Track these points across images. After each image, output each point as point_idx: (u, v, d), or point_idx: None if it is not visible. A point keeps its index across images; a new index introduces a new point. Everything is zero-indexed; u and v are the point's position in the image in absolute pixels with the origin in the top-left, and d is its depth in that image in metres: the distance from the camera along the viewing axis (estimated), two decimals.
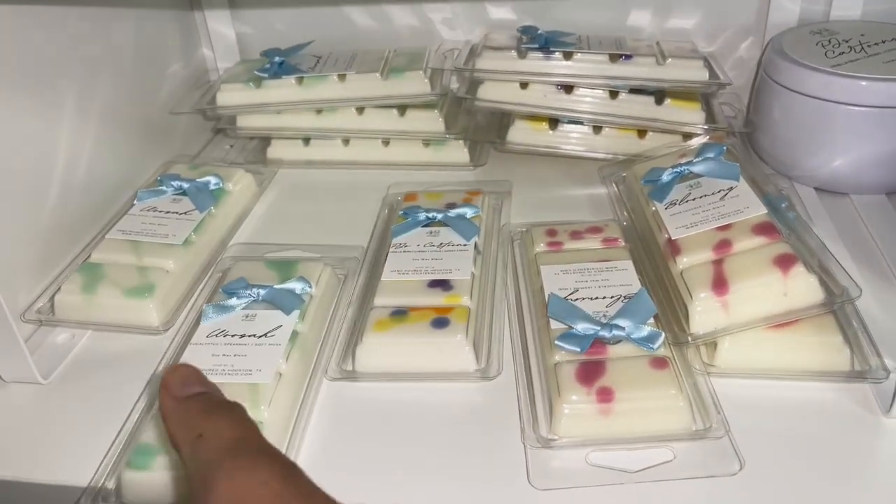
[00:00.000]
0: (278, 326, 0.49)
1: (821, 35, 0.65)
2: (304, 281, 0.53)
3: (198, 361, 0.40)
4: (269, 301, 0.51)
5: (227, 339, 0.48)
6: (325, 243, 0.61)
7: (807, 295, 0.45)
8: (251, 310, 0.51)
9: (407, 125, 0.71)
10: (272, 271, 0.55)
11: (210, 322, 0.50)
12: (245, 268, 0.55)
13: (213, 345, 0.48)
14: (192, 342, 0.49)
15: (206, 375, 0.34)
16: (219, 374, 0.45)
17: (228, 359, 0.47)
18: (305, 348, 0.50)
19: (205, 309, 0.51)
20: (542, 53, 0.67)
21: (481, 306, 0.52)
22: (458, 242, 0.57)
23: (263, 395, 0.44)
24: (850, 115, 0.59)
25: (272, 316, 0.50)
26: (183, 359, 0.47)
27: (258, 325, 0.49)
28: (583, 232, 0.57)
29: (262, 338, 0.48)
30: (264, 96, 0.71)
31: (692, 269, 0.49)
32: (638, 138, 0.69)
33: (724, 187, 0.54)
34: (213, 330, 0.49)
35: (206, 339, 0.49)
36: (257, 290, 0.52)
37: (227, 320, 0.50)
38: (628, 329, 0.45)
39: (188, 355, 0.47)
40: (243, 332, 0.49)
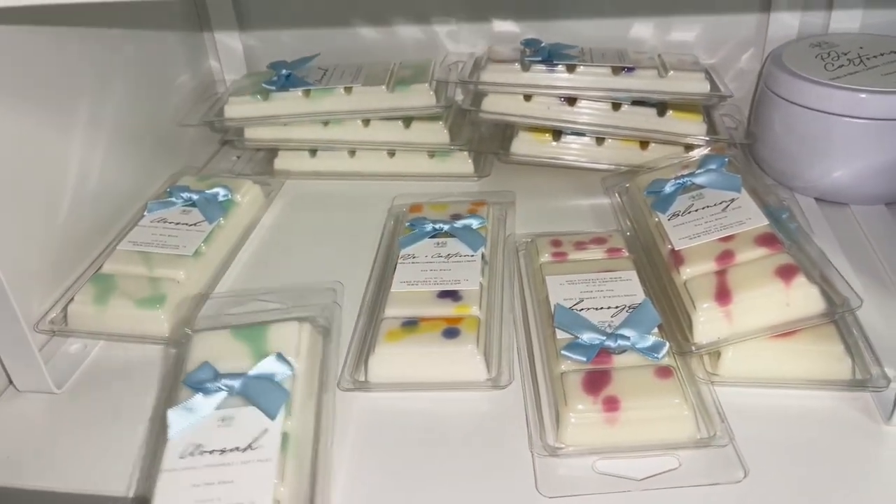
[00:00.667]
0: (263, 432, 0.41)
1: (820, 48, 0.66)
2: (282, 360, 0.45)
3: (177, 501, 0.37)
4: (244, 395, 0.43)
5: (207, 460, 0.39)
6: (298, 283, 0.58)
7: (808, 305, 0.46)
8: (225, 408, 0.42)
9: (412, 137, 0.72)
10: (241, 344, 0.47)
11: (179, 433, 0.41)
12: (209, 344, 0.47)
13: (192, 469, 0.39)
14: (163, 468, 0.39)
15: None
16: None
17: (213, 489, 0.38)
18: (301, 452, 0.42)
19: (169, 415, 0.41)
20: (545, 66, 0.68)
21: (490, 316, 0.53)
22: (465, 253, 0.57)
23: None
24: (850, 126, 0.60)
25: (252, 415, 0.42)
26: (158, 496, 0.38)
27: (238, 430, 0.41)
28: (587, 243, 0.58)
29: (246, 451, 0.40)
30: (272, 108, 0.72)
31: (695, 280, 0.49)
32: (640, 149, 0.70)
33: (727, 198, 0.55)
34: (185, 447, 0.40)
35: (180, 461, 0.40)
36: (229, 381, 0.43)
37: (200, 429, 0.41)
38: (633, 339, 0.46)
39: (163, 489, 0.38)
40: (223, 447, 0.40)
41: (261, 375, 0.44)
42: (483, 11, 0.78)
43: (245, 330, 0.48)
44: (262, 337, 0.47)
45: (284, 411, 0.42)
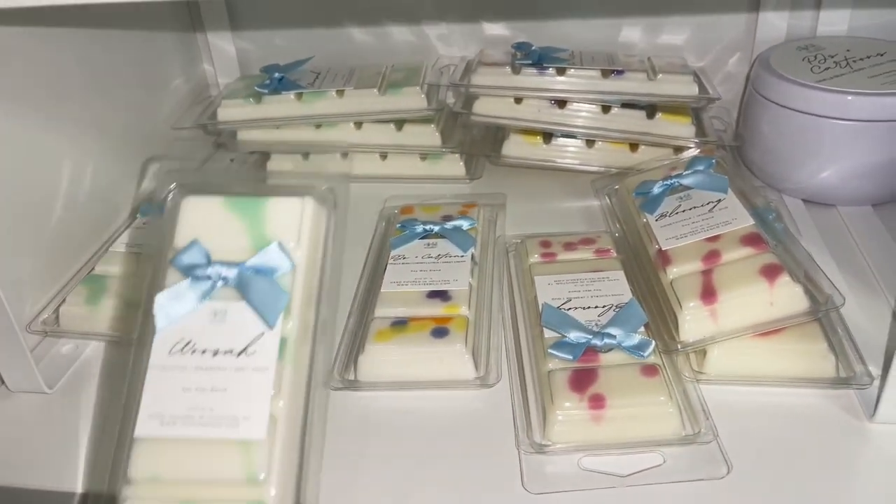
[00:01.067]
0: (259, 335, 0.37)
1: (807, 51, 0.67)
2: (283, 252, 0.39)
3: (165, 403, 0.34)
4: (239, 289, 0.38)
5: (197, 360, 0.36)
6: None
7: (792, 304, 0.47)
8: (217, 300, 0.38)
9: (404, 139, 0.73)
10: (236, 219, 0.40)
11: (166, 323, 0.37)
12: (200, 214, 0.40)
13: (181, 369, 0.36)
14: (151, 364, 0.37)
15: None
16: (196, 425, 0.34)
17: (204, 397, 0.35)
18: (299, 358, 0.38)
19: (157, 301, 0.37)
20: (535, 69, 0.69)
21: (479, 316, 0.53)
22: (455, 254, 0.58)
23: (257, 458, 0.34)
24: (836, 128, 0.60)
25: (246, 312, 0.37)
26: (147, 391, 0.36)
27: (232, 329, 0.37)
28: (576, 243, 0.59)
29: (241, 356, 0.36)
30: (264, 111, 0.73)
31: (681, 279, 0.50)
32: (630, 152, 0.71)
33: (713, 199, 0.56)
34: (175, 341, 0.37)
35: (168, 358, 0.37)
36: (223, 271, 0.38)
37: (190, 322, 0.37)
38: (619, 337, 0.47)
39: (152, 387, 0.36)
40: (216, 347, 0.37)
41: (260, 269, 0.38)
42: (474, 15, 0.79)
43: (241, 202, 0.40)
44: (260, 213, 0.40)
45: (283, 313, 0.37)
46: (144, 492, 0.34)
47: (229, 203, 0.40)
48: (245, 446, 0.34)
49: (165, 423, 0.35)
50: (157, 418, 0.35)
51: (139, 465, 0.35)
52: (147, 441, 0.35)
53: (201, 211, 0.40)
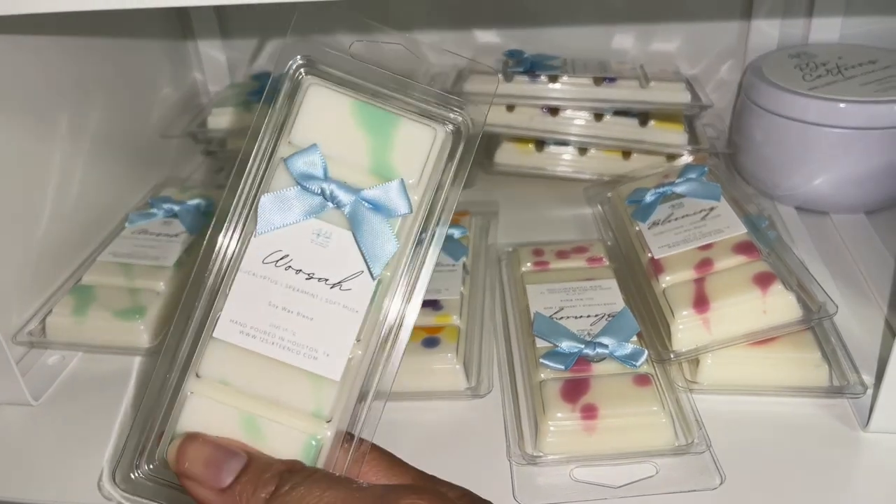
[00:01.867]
0: (359, 272, 0.34)
1: (799, 58, 0.67)
2: (403, 192, 0.34)
3: (249, 313, 0.33)
4: (350, 220, 0.34)
5: (290, 278, 0.33)
6: None
7: (785, 312, 0.46)
8: (325, 222, 0.34)
9: None
10: (361, 132, 0.34)
11: (267, 229, 0.33)
12: (324, 109, 0.35)
13: (272, 282, 0.33)
14: (242, 268, 0.33)
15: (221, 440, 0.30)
16: (274, 345, 0.33)
17: (289, 318, 0.33)
18: (382, 309, 0.35)
19: (262, 200, 0.33)
20: (527, 77, 0.69)
21: (471, 325, 0.53)
22: (446, 263, 0.57)
23: (327, 396, 0.33)
24: (828, 136, 0.60)
25: (350, 243, 0.34)
26: (233, 296, 0.33)
27: (332, 256, 0.34)
28: (568, 252, 0.58)
29: (334, 289, 0.33)
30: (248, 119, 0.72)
31: (674, 288, 0.50)
32: (623, 159, 0.70)
33: (706, 207, 0.55)
34: (271, 251, 0.33)
35: (262, 266, 0.33)
36: (339, 193, 0.33)
37: (290, 234, 0.34)
38: (612, 347, 0.46)
39: (239, 292, 0.33)
40: (312, 271, 0.33)
41: (377, 205, 0.33)
42: (466, 23, 0.79)
43: (372, 112, 0.34)
44: (390, 134, 0.34)
45: None
46: (210, 391, 0.33)
47: (359, 109, 0.34)
48: (318, 381, 0.33)
49: (245, 334, 0.33)
50: (239, 326, 0.33)
51: (211, 365, 0.33)
52: (224, 344, 0.33)
53: (328, 108, 0.34)
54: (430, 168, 0.35)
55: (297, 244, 0.34)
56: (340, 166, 0.34)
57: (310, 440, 0.33)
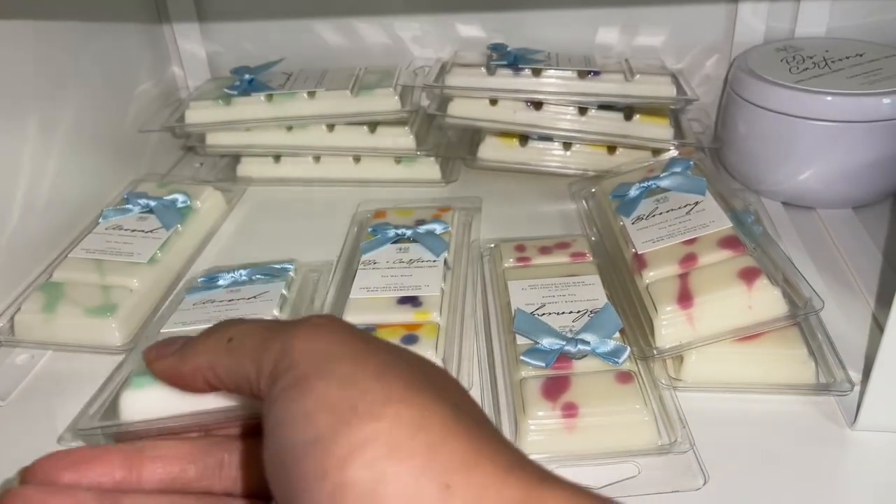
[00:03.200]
0: (265, 292, 0.53)
1: (786, 52, 0.66)
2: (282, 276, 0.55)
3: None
4: (252, 278, 0.55)
5: (216, 305, 0.51)
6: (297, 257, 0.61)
7: (771, 307, 0.45)
8: (236, 287, 0.54)
9: (377, 142, 0.71)
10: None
11: (195, 296, 0.53)
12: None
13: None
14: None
15: None
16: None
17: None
18: (302, 288, 0.55)
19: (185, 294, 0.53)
20: (511, 70, 0.68)
21: (451, 322, 0.52)
22: (427, 259, 0.56)
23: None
24: (815, 129, 0.59)
25: (259, 287, 0.54)
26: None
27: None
28: (551, 247, 0.57)
29: (251, 300, 0.52)
30: (233, 114, 0.71)
31: (658, 283, 0.48)
32: (608, 154, 0.69)
33: (691, 202, 0.54)
34: (199, 300, 0.52)
35: (192, 307, 0.52)
36: (239, 272, 0.55)
37: (212, 295, 0.53)
38: (593, 343, 0.45)
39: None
40: (231, 298, 0.52)
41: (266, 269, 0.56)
42: (449, 16, 0.78)
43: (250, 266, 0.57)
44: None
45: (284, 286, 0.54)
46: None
47: None
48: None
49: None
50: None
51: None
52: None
53: None
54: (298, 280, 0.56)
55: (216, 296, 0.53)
56: None
57: None
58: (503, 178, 0.72)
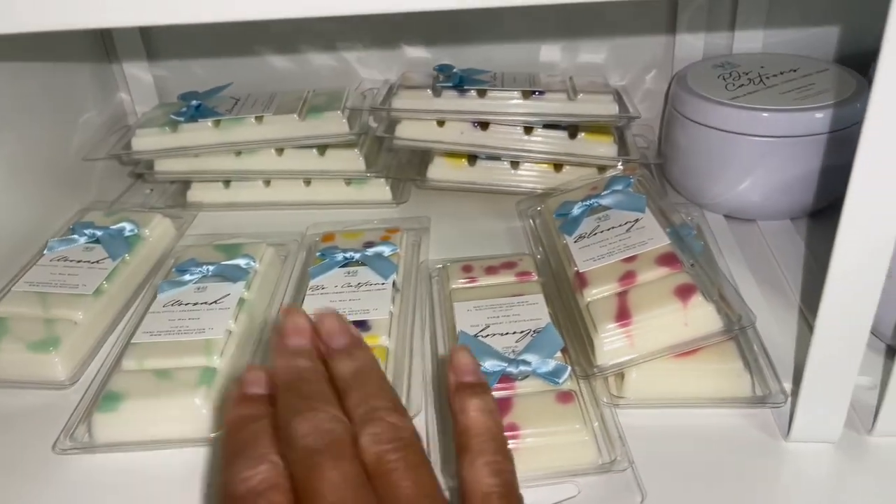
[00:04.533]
0: (227, 295, 0.56)
1: (723, 68, 0.68)
2: (249, 257, 0.60)
3: (157, 326, 0.53)
4: (218, 275, 0.58)
5: (182, 307, 0.55)
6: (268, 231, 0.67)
7: (706, 323, 0.46)
8: (202, 283, 0.57)
9: (327, 165, 0.71)
10: (220, 253, 0.61)
11: (166, 295, 0.56)
12: (195, 251, 0.62)
13: (170, 311, 0.54)
14: (150, 311, 0.55)
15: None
16: (175, 334, 0.52)
17: (184, 322, 0.53)
18: (252, 312, 0.56)
19: (160, 285, 0.57)
20: (456, 92, 0.69)
21: (400, 345, 0.52)
22: (375, 282, 0.57)
23: (216, 347, 0.51)
24: (751, 145, 0.61)
25: (222, 287, 0.57)
26: (143, 326, 0.53)
27: (209, 294, 0.56)
28: (497, 267, 0.58)
29: (213, 304, 0.55)
30: (181, 140, 0.71)
31: (598, 302, 0.49)
32: (555, 172, 0.70)
33: (631, 219, 0.55)
34: (168, 300, 0.55)
35: (162, 308, 0.55)
36: (207, 266, 0.58)
37: (181, 293, 0.56)
38: (534, 364, 0.46)
39: (148, 322, 0.54)
40: (196, 301, 0.55)
41: (231, 264, 0.59)
42: (395, 38, 0.78)
43: (223, 246, 0.63)
44: (236, 249, 0.62)
45: (245, 286, 0.57)
46: None
47: (215, 247, 0.63)
48: (207, 341, 0.52)
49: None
50: None
51: None
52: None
53: (196, 252, 0.62)
54: (268, 255, 0.63)
55: (184, 296, 0.57)
56: None
57: None
58: (453, 197, 0.72)
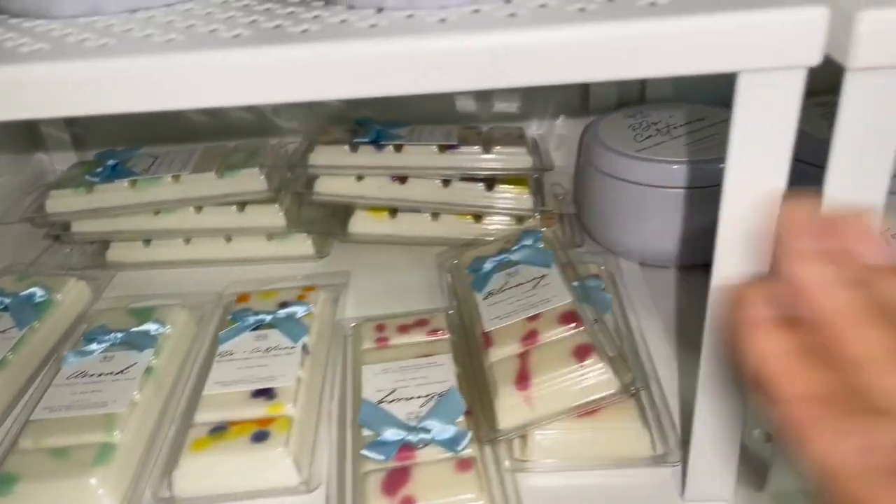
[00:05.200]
0: (133, 364, 0.55)
1: (634, 118, 0.69)
2: (160, 322, 0.59)
3: (58, 400, 0.51)
4: (126, 343, 0.57)
5: (87, 379, 0.53)
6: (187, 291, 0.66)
7: (602, 384, 0.47)
8: (110, 352, 0.56)
9: (247, 221, 0.71)
10: (132, 318, 0.60)
11: (71, 366, 0.55)
12: (107, 316, 0.60)
13: (73, 384, 0.53)
14: (54, 383, 0.54)
15: None
16: (76, 409, 0.51)
17: (86, 395, 0.52)
18: (161, 381, 0.55)
19: (65, 356, 0.56)
20: (374, 147, 0.69)
21: (307, 413, 0.51)
22: (285, 345, 0.56)
23: (117, 421, 0.49)
24: (658, 195, 0.62)
25: (129, 355, 0.56)
26: (44, 401, 0.52)
27: (115, 364, 0.55)
28: (410, 325, 0.58)
29: (118, 374, 0.54)
30: (96, 201, 0.70)
31: (500, 363, 0.50)
32: (475, 222, 0.71)
33: (538, 275, 0.56)
34: (73, 372, 0.54)
35: (66, 380, 0.54)
36: (115, 334, 0.57)
37: (87, 363, 0.55)
38: (435, 431, 0.46)
39: (50, 396, 0.52)
40: (101, 371, 0.54)
41: (140, 331, 0.58)
42: None
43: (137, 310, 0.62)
44: (149, 314, 0.61)
45: (153, 353, 0.56)
46: None
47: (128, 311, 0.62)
48: (108, 416, 0.50)
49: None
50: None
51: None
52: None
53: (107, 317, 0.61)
54: (182, 318, 0.62)
55: (90, 366, 0.56)
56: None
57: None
58: (376, 249, 0.72)
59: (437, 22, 0.33)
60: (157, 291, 0.69)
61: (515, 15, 0.32)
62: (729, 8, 0.30)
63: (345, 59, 0.31)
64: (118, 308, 0.63)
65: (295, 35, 0.32)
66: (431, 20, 0.33)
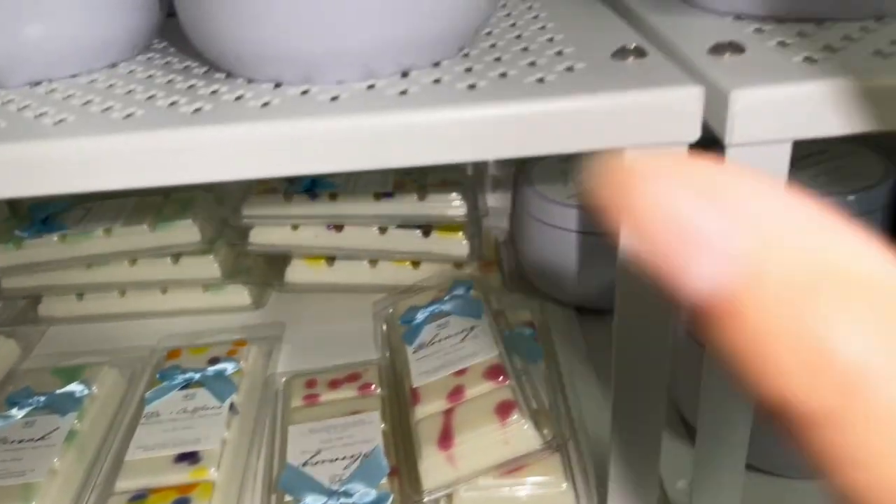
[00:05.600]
0: (55, 429, 0.53)
1: (566, 161, 0.70)
2: (85, 384, 0.57)
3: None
4: (48, 406, 0.55)
5: (7, 446, 0.52)
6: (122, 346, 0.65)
7: (524, 442, 0.47)
8: (32, 417, 0.55)
9: (181, 273, 0.70)
10: (58, 378, 0.58)
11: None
12: (32, 377, 0.60)
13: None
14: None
15: None
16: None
17: (5, 464, 0.50)
18: (84, 445, 0.54)
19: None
20: (308, 195, 0.69)
21: (230, 477, 0.51)
22: (212, 405, 0.55)
23: (35, 491, 0.48)
24: (588, 241, 0.62)
25: (51, 420, 0.54)
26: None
27: (37, 429, 0.54)
28: (342, 380, 0.58)
29: (39, 440, 0.52)
30: (25, 256, 0.69)
31: (425, 421, 0.49)
32: (413, 268, 0.71)
33: (468, 326, 0.56)
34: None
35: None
36: (38, 398, 0.56)
37: (8, 429, 0.54)
38: (357, 496, 0.45)
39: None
40: (22, 438, 0.53)
41: (63, 393, 0.57)
42: None
43: (63, 369, 0.61)
44: (75, 373, 0.60)
45: (76, 417, 0.55)
46: None
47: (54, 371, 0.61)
48: (27, 486, 0.49)
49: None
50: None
51: None
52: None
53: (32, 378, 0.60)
54: (109, 378, 0.61)
55: (10, 433, 0.54)
56: None
57: None
58: (314, 298, 0.72)
59: (329, 100, 0.33)
60: (90, 346, 0.68)
61: (407, 92, 0.33)
62: (613, 87, 0.31)
63: (231, 141, 0.31)
64: (44, 368, 0.62)
65: (186, 116, 0.32)
66: (324, 98, 0.33)
